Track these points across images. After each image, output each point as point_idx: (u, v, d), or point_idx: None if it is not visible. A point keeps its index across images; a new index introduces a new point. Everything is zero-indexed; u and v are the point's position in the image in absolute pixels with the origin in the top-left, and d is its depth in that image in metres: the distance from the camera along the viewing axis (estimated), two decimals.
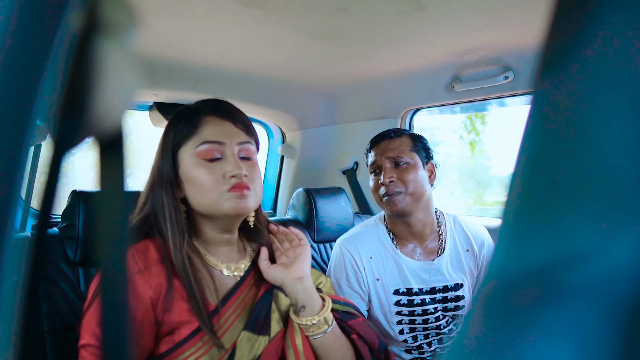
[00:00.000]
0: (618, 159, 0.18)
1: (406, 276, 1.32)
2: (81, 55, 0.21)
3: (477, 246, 1.38)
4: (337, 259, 1.36)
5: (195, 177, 0.89)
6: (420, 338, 1.34)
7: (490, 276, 0.21)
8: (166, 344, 0.85)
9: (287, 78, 1.76)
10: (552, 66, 0.20)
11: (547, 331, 0.18)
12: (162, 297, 0.85)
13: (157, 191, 0.91)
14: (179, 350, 0.84)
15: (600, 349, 0.18)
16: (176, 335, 0.84)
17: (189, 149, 0.90)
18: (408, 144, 1.35)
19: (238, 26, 1.23)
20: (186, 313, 0.85)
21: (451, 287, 1.34)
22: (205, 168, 0.89)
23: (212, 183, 0.88)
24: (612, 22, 0.18)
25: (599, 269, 0.18)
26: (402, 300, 1.31)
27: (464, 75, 1.63)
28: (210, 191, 0.88)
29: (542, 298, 0.18)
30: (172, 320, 0.84)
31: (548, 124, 0.20)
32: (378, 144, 1.38)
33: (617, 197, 0.18)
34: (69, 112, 0.22)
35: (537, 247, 0.19)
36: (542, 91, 0.20)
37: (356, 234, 1.40)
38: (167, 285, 0.85)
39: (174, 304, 0.85)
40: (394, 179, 1.31)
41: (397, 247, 1.36)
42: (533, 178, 0.20)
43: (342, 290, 1.32)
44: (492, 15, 1.19)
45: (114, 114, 0.23)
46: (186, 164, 0.91)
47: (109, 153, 0.24)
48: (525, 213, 0.20)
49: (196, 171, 0.89)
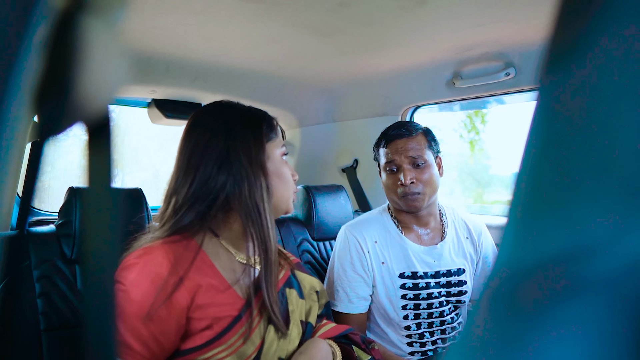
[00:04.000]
0: (631, 150, 0.17)
1: (411, 260, 1.35)
2: (65, 35, 0.20)
3: (476, 235, 1.43)
4: (341, 243, 1.39)
5: (282, 172, 0.99)
6: (423, 326, 1.35)
7: (498, 270, 0.20)
8: (199, 339, 0.83)
9: (287, 75, 1.75)
10: (560, 59, 0.19)
11: (557, 328, 0.17)
12: (198, 294, 0.83)
13: (240, 171, 0.90)
14: (213, 345, 0.82)
15: (614, 346, 0.17)
16: (212, 331, 0.83)
17: (276, 146, 1.00)
18: (424, 142, 1.37)
19: (237, 21, 1.22)
20: (222, 309, 0.85)
21: (454, 271, 1.38)
22: (286, 165, 1.02)
23: (290, 179, 1.01)
24: (621, 15, 0.18)
25: (612, 262, 0.17)
26: (407, 283, 1.34)
27: (465, 72, 1.62)
28: (289, 187, 1.00)
29: (552, 293, 0.18)
30: (208, 316, 0.83)
31: (557, 117, 0.19)
32: (394, 141, 1.38)
33: (630, 187, 0.17)
34: (52, 98, 0.21)
35: (546, 240, 0.18)
36: (550, 85, 0.20)
37: (361, 220, 1.44)
38: (204, 283, 0.84)
39: (211, 299, 0.84)
40: (414, 179, 1.33)
41: (402, 233, 1.39)
42: (542, 170, 0.19)
43: (346, 274, 1.35)
44: (494, 11, 1.18)
45: (100, 98, 0.22)
46: (274, 158, 0.98)
47: (95, 141, 0.23)
48: (534, 205, 0.19)
49: (282, 166, 0.99)
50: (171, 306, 0.80)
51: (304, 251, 1.68)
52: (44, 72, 0.20)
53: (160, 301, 0.79)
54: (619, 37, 0.18)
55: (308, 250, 1.70)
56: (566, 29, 0.20)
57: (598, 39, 0.18)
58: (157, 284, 0.80)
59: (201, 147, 0.91)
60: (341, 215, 1.75)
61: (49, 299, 1.13)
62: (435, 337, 1.36)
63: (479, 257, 1.43)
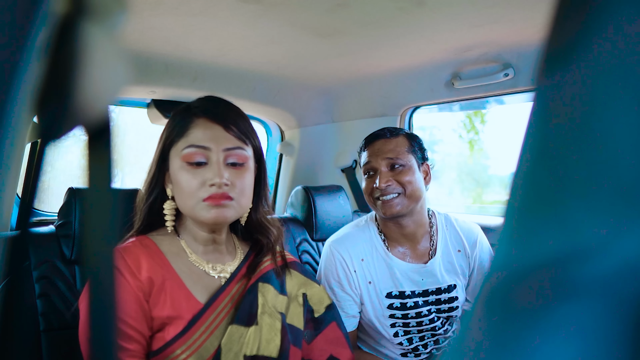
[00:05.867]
0: (626, 153, 0.17)
1: (398, 279, 1.29)
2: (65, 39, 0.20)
3: (469, 246, 1.35)
4: (327, 260, 1.31)
5: (178, 180, 0.90)
6: (415, 340, 1.32)
7: (493, 272, 0.20)
8: (157, 341, 0.85)
9: (286, 75, 1.75)
10: (556, 61, 0.20)
11: (552, 329, 0.17)
12: (153, 291, 0.86)
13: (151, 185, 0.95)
14: (170, 349, 0.84)
15: (608, 349, 0.17)
16: (166, 333, 0.85)
17: (178, 150, 0.91)
18: (404, 144, 1.30)
19: (236, 22, 1.22)
20: (175, 309, 0.86)
21: (444, 289, 1.31)
22: (188, 172, 0.89)
23: (191, 189, 0.88)
24: (617, 16, 0.18)
25: (607, 265, 0.17)
26: (395, 303, 1.28)
27: (463, 72, 1.62)
28: (189, 197, 0.89)
29: (547, 295, 0.18)
30: (162, 315, 0.85)
31: (553, 119, 0.19)
32: (372, 143, 1.32)
33: (625, 190, 0.17)
34: (53, 101, 0.21)
35: (542, 242, 0.18)
36: (546, 86, 0.20)
37: (346, 234, 1.35)
38: (157, 281, 0.87)
39: (164, 299, 0.86)
40: (391, 183, 1.26)
41: (389, 249, 1.32)
42: (538, 172, 0.19)
43: (334, 293, 1.28)
44: (492, 12, 1.18)
45: (100, 103, 0.22)
46: (173, 165, 0.92)
47: (95, 144, 0.23)
48: (530, 207, 0.19)
49: (180, 174, 0.90)
50: (130, 295, 0.84)
51: (303, 251, 1.68)
52: (45, 76, 0.20)
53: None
54: (614, 39, 0.18)
55: (307, 251, 1.70)
56: (562, 31, 0.20)
57: (594, 41, 0.18)
58: (120, 283, 0.84)
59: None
60: (340, 215, 1.75)
61: (49, 299, 1.13)
62: (429, 348, 1.33)
63: (472, 268, 1.35)
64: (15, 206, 1.40)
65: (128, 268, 0.86)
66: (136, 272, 0.86)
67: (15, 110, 0.19)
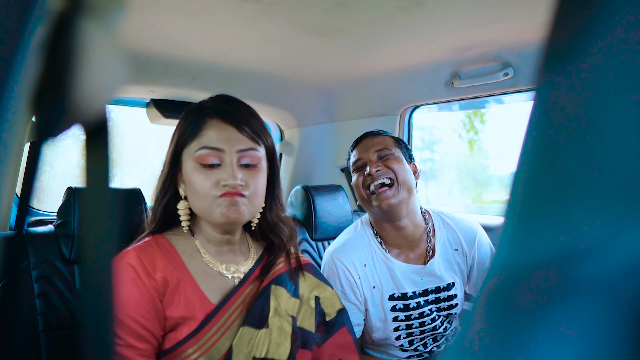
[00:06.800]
0: (626, 152, 0.17)
1: (399, 280, 1.29)
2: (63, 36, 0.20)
3: (467, 245, 1.35)
4: (329, 271, 1.30)
5: (192, 181, 0.90)
6: (416, 341, 1.32)
7: (494, 271, 0.20)
8: (169, 341, 0.85)
9: (285, 75, 1.75)
10: (557, 60, 0.19)
11: (553, 329, 0.17)
12: (167, 291, 0.86)
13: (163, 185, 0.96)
14: (181, 348, 0.84)
15: (609, 348, 0.17)
16: (178, 333, 0.85)
17: (191, 151, 0.91)
18: (391, 140, 1.35)
19: (235, 22, 1.22)
20: (189, 310, 0.86)
21: (444, 287, 1.32)
22: (201, 174, 0.89)
23: (205, 189, 0.88)
24: (617, 15, 0.18)
25: (609, 264, 0.17)
26: (398, 305, 1.29)
27: (463, 72, 1.62)
28: (203, 197, 0.89)
29: (548, 294, 0.18)
30: (175, 315, 0.85)
31: (553, 118, 0.19)
32: (360, 141, 1.38)
33: (626, 189, 0.17)
34: (50, 99, 0.21)
35: (543, 241, 0.18)
36: (547, 85, 0.20)
37: (345, 242, 1.35)
38: (172, 281, 0.87)
39: (178, 299, 0.86)
40: (380, 168, 1.27)
41: (387, 251, 1.32)
42: (538, 172, 0.19)
43: None
44: (492, 11, 1.18)
45: (98, 101, 0.22)
46: (186, 166, 0.91)
47: (93, 142, 0.23)
48: (531, 206, 0.19)
49: (193, 175, 0.90)
50: (143, 294, 0.84)
51: (303, 251, 1.68)
52: (42, 74, 0.20)
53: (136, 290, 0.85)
54: (614, 38, 0.18)
55: (307, 251, 1.70)
56: (563, 30, 0.20)
57: (594, 40, 0.18)
58: (135, 282, 0.85)
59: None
60: (340, 215, 1.75)
61: (48, 299, 1.13)
62: (429, 347, 1.34)
63: (469, 266, 1.35)
64: (15, 206, 1.40)
65: (143, 267, 0.86)
66: (151, 271, 0.86)
67: (12, 108, 0.19)
